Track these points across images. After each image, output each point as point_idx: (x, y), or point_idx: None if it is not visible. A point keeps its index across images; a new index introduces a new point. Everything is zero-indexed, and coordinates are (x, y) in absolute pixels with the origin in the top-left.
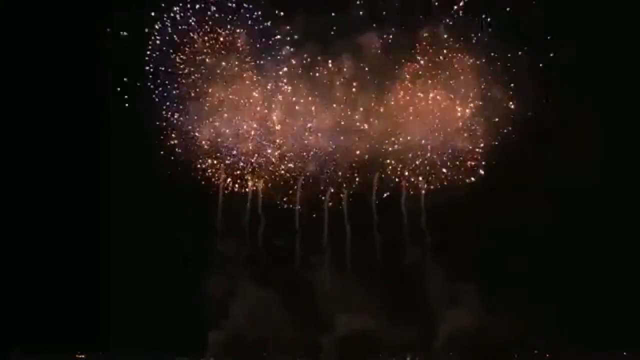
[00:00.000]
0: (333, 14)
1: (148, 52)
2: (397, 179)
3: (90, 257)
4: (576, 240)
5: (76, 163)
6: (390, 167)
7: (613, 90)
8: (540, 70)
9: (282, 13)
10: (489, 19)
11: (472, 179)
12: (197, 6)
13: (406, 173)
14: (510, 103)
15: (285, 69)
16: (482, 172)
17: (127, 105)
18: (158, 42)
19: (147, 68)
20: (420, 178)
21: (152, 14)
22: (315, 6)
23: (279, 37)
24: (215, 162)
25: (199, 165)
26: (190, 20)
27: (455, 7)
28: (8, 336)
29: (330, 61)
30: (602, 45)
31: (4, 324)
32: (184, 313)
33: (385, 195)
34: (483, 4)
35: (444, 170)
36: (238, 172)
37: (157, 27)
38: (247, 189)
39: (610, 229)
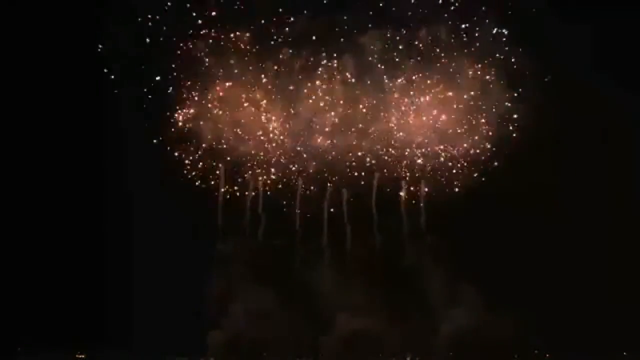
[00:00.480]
0: (334, 14)
1: (148, 52)
2: (397, 179)
3: (90, 257)
4: (576, 241)
5: (76, 164)
6: (390, 167)
7: (614, 93)
8: (542, 73)
9: (283, 13)
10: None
11: (472, 179)
12: (197, 5)
13: (406, 173)
14: (512, 105)
15: (286, 69)
16: (482, 172)
17: (126, 106)
18: (158, 42)
19: (147, 68)
20: (420, 178)
21: (153, 13)
22: (316, 6)
23: (279, 37)
24: (215, 162)
25: (199, 165)
26: (191, 20)
27: (456, 7)
28: (8, 336)
29: (330, 61)
30: (603, 47)
31: (5, 324)
32: (184, 313)
33: (385, 195)
34: (485, 4)
35: (444, 170)
36: (238, 172)
37: (157, 27)
38: (247, 189)
39: (610, 230)
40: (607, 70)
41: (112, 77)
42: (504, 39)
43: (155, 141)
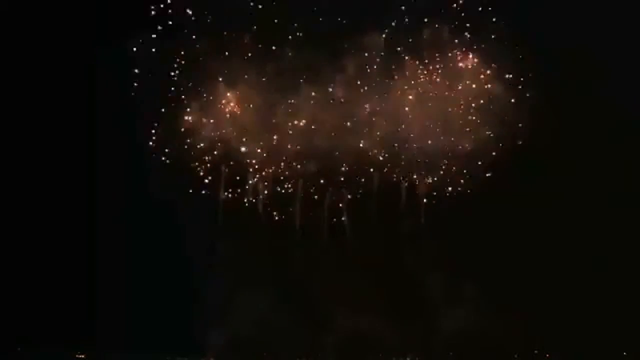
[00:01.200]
0: (335, 14)
1: (149, 53)
2: (397, 179)
3: (90, 257)
4: (577, 241)
5: (75, 164)
6: (390, 167)
7: (614, 92)
8: (546, 74)
9: (284, 12)
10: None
11: (473, 179)
12: (198, 6)
13: (406, 173)
14: (513, 105)
15: (286, 69)
16: (483, 172)
17: (127, 106)
18: (158, 42)
19: (147, 68)
20: (421, 178)
21: (153, 13)
22: (318, 6)
23: (281, 37)
24: (215, 161)
25: (199, 165)
26: (191, 20)
27: (457, 7)
28: (8, 336)
29: (331, 61)
30: (606, 48)
31: (5, 324)
32: (184, 313)
33: (385, 195)
34: (487, 5)
35: (445, 170)
36: (238, 172)
37: (157, 27)
38: (247, 189)
39: (611, 230)
40: (611, 72)
41: (112, 78)
42: (506, 40)
43: (154, 141)
